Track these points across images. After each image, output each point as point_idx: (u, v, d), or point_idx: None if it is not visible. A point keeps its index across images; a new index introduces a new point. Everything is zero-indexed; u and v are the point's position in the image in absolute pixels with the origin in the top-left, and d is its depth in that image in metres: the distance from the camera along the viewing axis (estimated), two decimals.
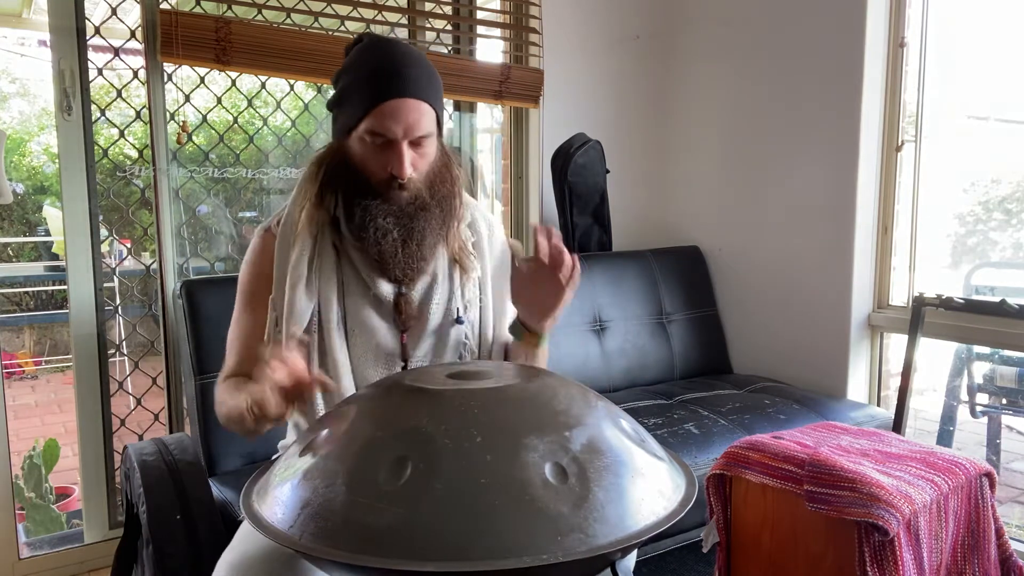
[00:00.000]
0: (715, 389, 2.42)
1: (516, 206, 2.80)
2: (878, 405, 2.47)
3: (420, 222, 1.22)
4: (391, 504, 0.76)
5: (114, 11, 2.09)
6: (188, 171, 2.26)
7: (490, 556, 0.72)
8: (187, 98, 2.26)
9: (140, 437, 2.21)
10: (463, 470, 0.77)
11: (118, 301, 2.77)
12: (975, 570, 1.52)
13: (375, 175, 1.20)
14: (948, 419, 2.66)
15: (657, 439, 0.99)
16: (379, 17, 2.37)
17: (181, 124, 2.19)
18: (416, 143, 1.19)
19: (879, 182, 2.39)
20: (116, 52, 2.09)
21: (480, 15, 2.66)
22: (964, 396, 2.69)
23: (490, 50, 2.77)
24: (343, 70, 1.23)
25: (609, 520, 0.77)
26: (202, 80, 2.31)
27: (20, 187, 5.12)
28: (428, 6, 2.54)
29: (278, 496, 0.85)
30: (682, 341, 2.65)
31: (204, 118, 2.29)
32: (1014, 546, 1.58)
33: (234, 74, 2.25)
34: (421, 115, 1.18)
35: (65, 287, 2.12)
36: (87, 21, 2.01)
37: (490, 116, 3.13)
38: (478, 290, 1.34)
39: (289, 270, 1.24)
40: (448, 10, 2.58)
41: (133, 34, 2.10)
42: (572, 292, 1.19)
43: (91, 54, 2.04)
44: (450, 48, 2.64)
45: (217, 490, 1.66)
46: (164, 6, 2.02)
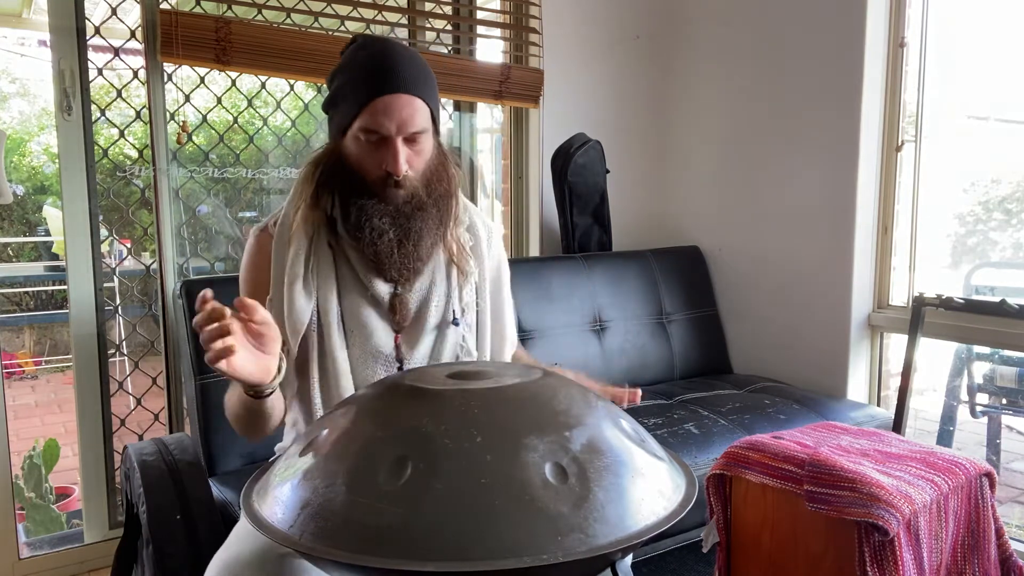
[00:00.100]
0: (715, 389, 2.42)
1: (516, 206, 2.80)
2: (878, 405, 2.47)
3: (416, 222, 1.22)
4: (391, 504, 0.76)
5: (114, 11, 2.09)
6: (188, 171, 2.26)
7: (490, 556, 0.72)
8: (187, 98, 2.26)
9: (140, 437, 2.21)
10: (463, 470, 0.77)
11: (118, 301, 2.77)
12: (975, 570, 1.52)
13: (370, 173, 1.20)
14: (948, 419, 2.66)
15: (657, 439, 0.99)
16: (379, 17, 2.37)
17: (181, 124, 2.19)
18: (411, 140, 1.19)
19: (879, 182, 2.39)
20: (116, 52, 2.09)
21: (480, 15, 2.66)
22: (964, 396, 2.69)
23: (490, 50, 2.77)
24: (336, 71, 1.23)
25: (609, 520, 0.77)
26: (202, 80, 2.31)
27: (20, 189, 5.11)
28: (428, 6, 2.54)
29: (278, 496, 0.85)
30: (682, 341, 2.65)
31: (204, 118, 2.29)
32: (1014, 546, 1.58)
33: (234, 74, 2.25)
34: (415, 111, 1.17)
35: (65, 287, 2.12)
36: (87, 21, 2.01)
37: (490, 116, 3.13)
38: (475, 294, 1.34)
39: (286, 269, 1.24)
40: (448, 10, 2.58)
41: (133, 34, 2.10)
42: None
43: (91, 54, 2.04)
44: (450, 48, 2.63)
45: (217, 490, 1.66)
46: (164, 6, 2.02)
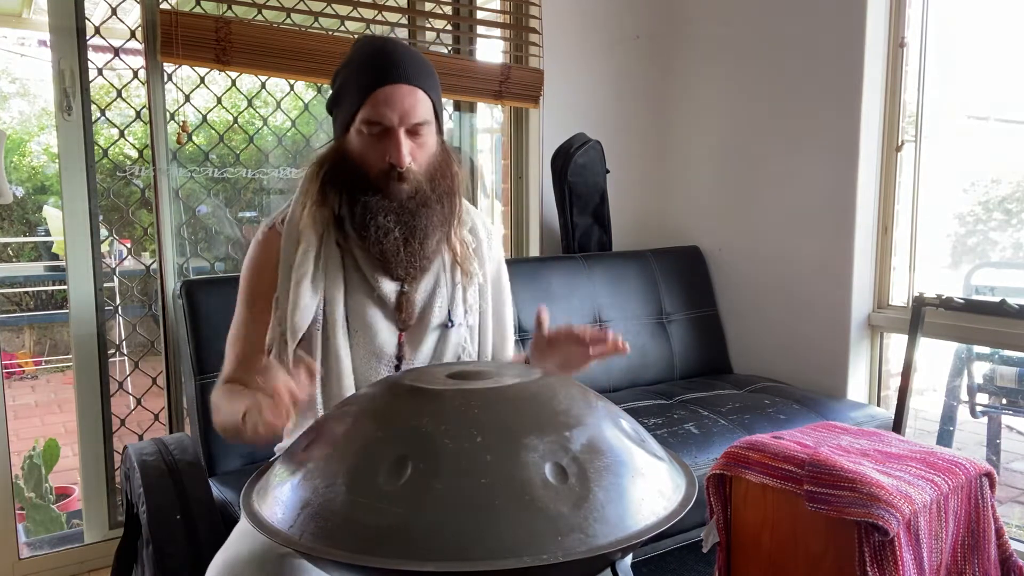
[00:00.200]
0: (715, 389, 2.42)
1: (516, 206, 2.80)
2: (878, 405, 2.47)
3: (422, 219, 1.22)
4: (391, 504, 0.76)
5: (114, 11, 2.09)
6: (188, 171, 2.26)
7: (490, 556, 0.72)
8: (187, 98, 2.26)
9: (140, 437, 2.21)
10: (463, 470, 0.77)
11: (118, 301, 2.77)
12: (975, 570, 1.52)
13: (374, 167, 1.20)
14: (948, 419, 2.66)
15: (657, 439, 0.99)
16: (379, 17, 2.37)
17: (181, 124, 2.19)
18: (414, 132, 1.19)
19: (879, 182, 2.39)
20: (116, 52, 2.09)
21: (480, 15, 2.66)
22: (964, 396, 2.69)
23: (490, 50, 2.77)
24: (339, 69, 1.24)
25: (609, 520, 0.77)
26: (202, 80, 2.31)
27: (20, 190, 5.11)
28: (428, 6, 2.54)
29: (278, 496, 0.85)
30: (682, 341, 2.65)
31: (204, 118, 2.29)
32: (1014, 546, 1.58)
33: (234, 74, 2.25)
34: (417, 101, 1.18)
35: (65, 287, 2.12)
36: (87, 21, 2.01)
37: (490, 116, 3.13)
38: (478, 295, 1.34)
39: (294, 267, 1.23)
40: (448, 10, 2.58)
41: (133, 34, 2.10)
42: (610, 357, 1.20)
43: (91, 54, 2.04)
44: (450, 48, 2.63)
45: (217, 490, 1.66)
46: (164, 6, 2.02)
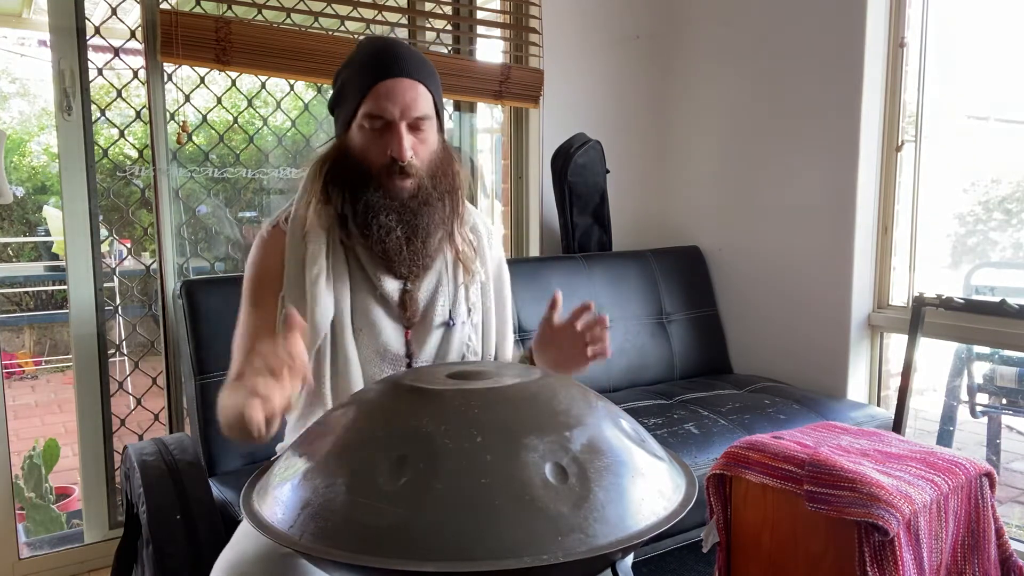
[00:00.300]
0: (715, 389, 2.42)
1: (516, 206, 2.80)
2: (878, 405, 2.47)
3: (423, 218, 1.22)
4: (391, 504, 0.76)
5: (114, 11, 2.09)
6: (188, 171, 2.26)
7: (490, 556, 0.72)
8: (187, 98, 2.26)
9: (140, 437, 2.21)
10: (463, 470, 0.77)
11: (118, 301, 2.77)
12: (975, 570, 1.52)
13: (376, 162, 1.19)
14: (948, 419, 2.66)
15: (657, 439, 0.99)
16: (379, 17, 2.37)
17: (181, 124, 2.19)
18: (415, 126, 1.19)
19: (879, 182, 2.39)
20: (116, 52, 2.09)
21: (480, 15, 2.66)
22: (964, 396, 2.69)
23: (490, 50, 2.77)
24: (341, 68, 1.24)
25: (609, 520, 0.77)
26: (202, 80, 2.31)
27: (20, 190, 5.11)
28: (428, 6, 2.54)
29: (278, 496, 0.85)
30: (682, 341, 2.65)
31: (204, 118, 2.29)
32: (1014, 546, 1.58)
33: (234, 74, 2.25)
34: (418, 95, 1.18)
35: (65, 287, 2.12)
36: (87, 21, 2.01)
37: (490, 116, 3.13)
38: (480, 294, 1.34)
39: (307, 265, 1.23)
40: (448, 10, 2.58)
41: (133, 34, 2.10)
42: (594, 362, 1.21)
43: (91, 54, 2.04)
44: (450, 48, 2.63)
45: (217, 490, 1.66)
46: (164, 6, 2.02)
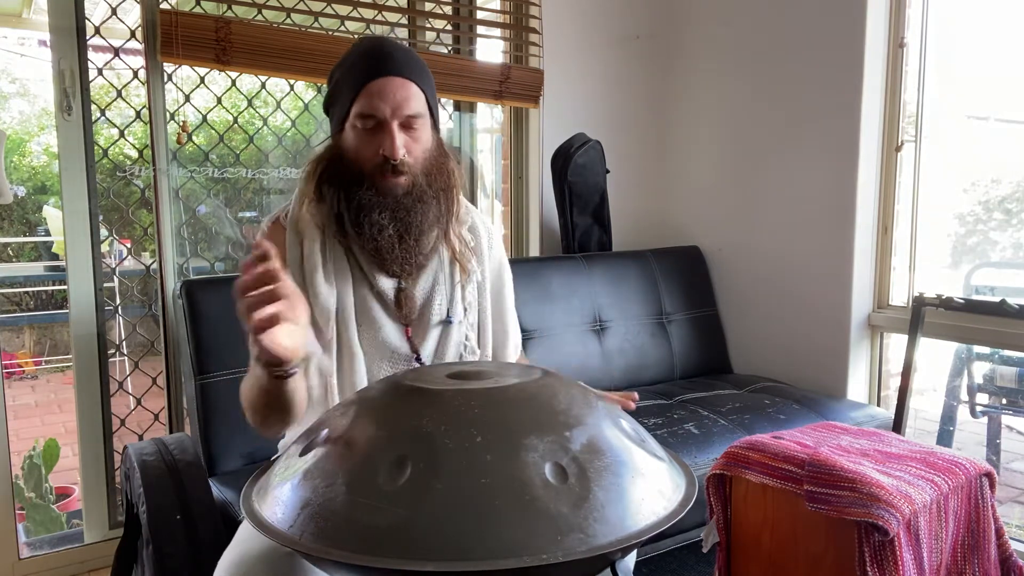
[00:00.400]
0: (715, 389, 2.42)
1: (516, 206, 2.80)
2: (878, 405, 2.47)
3: (416, 215, 1.22)
4: (391, 504, 0.76)
5: (114, 11, 2.09)
6: (188, 171, 2.26)
7: (490, 556, 0.72)
8: (187, 98, 2.26)
9: (140, 437, 2.21)
10: (463, 470, 0.77)
11: (118, 301, 2.76)
12: (975, 570, 1.52)
13: (369, 161, 1.20)
14: (948, 419, 2.66)
15: (657, 439, 0.99)
16: (379, 17, 2.37)
17: (181, 124, 2.19)
18: (407, 125, 1.20)
19: (879, 182, 2.39)
20: (116, 52, 2.09)
21: (480, 15, 2.66)
22: (964, 396, 2.69)
23: (490, 50, 2.77)
24: (334, 69, 1.25)
25: (609, 520, 0.77)
26: (202, 80, 2.31)
27: (21, 190, 5.11)
28: (428, 6, 2.54)
29: (278, 496, 0.85)
30: (682, 341, 2.65)
31: (204, 118, 2.29)
32: (1014, 546, 1.58)
33: (234, 74, 2.25)
34: (409, 94, 1.18)
35: (65, 287, 2.12)
36: (87, 21, 2.01)
37: (490, 116, 3.13)
38: (477, 293, 1.35)
39: (304, 259, 1.24)
40: (448, 10, 2.58)
41: (133, 34, 2.10)
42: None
43: (91, 54, 2.04)
44: (450, 48, 2.63)
45: (217, 490, 1.66)
46: (164, 6, 2.02)
